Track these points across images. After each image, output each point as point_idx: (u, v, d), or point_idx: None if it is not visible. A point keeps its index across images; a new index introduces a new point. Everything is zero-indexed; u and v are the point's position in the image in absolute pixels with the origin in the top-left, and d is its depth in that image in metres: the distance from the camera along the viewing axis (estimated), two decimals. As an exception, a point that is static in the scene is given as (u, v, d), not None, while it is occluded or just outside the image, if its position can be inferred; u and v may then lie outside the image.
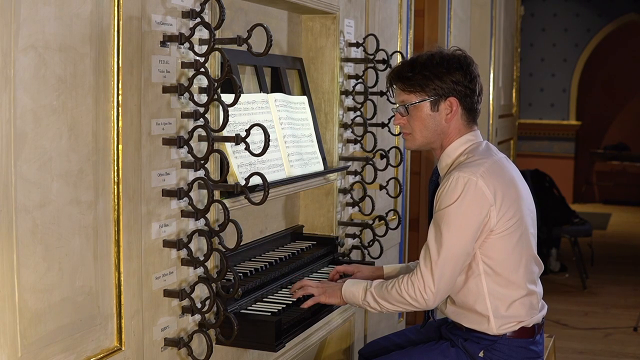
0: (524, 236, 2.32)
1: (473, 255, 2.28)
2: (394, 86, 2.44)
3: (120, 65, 1.73)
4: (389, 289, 2.32)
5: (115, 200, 1.74)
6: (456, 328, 2.41)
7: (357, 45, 3.06)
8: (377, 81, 3.09)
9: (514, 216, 2.27)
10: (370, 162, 3.04)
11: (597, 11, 10.55)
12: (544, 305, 2.43)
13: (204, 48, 1.96)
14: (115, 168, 1.74)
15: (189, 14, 1.95)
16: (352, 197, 3.07)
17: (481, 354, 2.34)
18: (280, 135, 2.55)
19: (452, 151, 2.38)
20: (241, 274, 2.38)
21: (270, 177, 2.34)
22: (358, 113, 3.05)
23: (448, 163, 2.38)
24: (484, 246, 2.27)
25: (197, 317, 2.04)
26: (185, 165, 1.97)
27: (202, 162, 1.98)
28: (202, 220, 2.02)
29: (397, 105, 2.43)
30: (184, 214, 1.98)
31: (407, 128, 2.41)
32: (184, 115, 1.96)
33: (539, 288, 2.40)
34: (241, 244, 1.94)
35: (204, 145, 2.01)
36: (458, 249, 2.23)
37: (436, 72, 2.33)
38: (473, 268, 2.30)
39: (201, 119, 1.99)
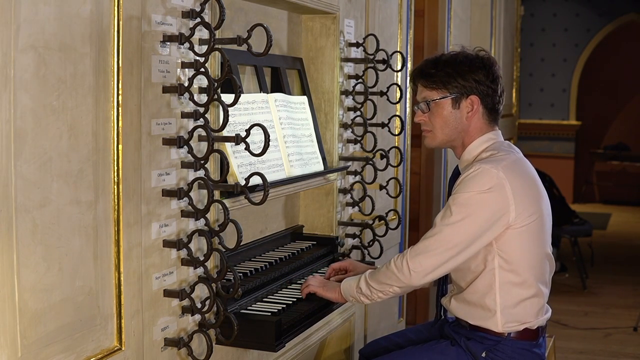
0: (541, 234, 2.33)
1: (489, 250, 2.28)
2: (417, 84, 2.45)
3: (120, 65, 1.73)
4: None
5: (115, 200, 1.74)
6: (460, 326, 2.41)
7: (357, 45, 3.06)
8: (377, 81, 3.09)
9: (534, 213, 2.28)
10: (370, 162, 3.04)
11: (597, 11, 10.54)
12: (549, 308, 2.43)
13: (204, 48, 1.96)
14: (115, 168, 1.74)
15: (189, 14, 1.95)
16: (352, 197, 3.07)
17: (484, 354, 2.33)
18: (280, 135, 2.55)
19: (474, 149, 2.39)
20: (241, 274, 2.38)
21: (270, 177, 2.34)
22: (358, 113, 3.05)
23: (469, 160, 2.39)
24: (501, 240, 2.27)
25: (197, 317, 2.04)
26: (185, 165, 1.97)
27: (202, 162, 1.98)
28: (202, 220, 2.02)
29: (419, 102, 2.43)
30: (184, 214, 1.98)
31: (427, 125, 2.43)
32: (184, 115, 1.96)
33: (547, 290, 2.40)
34: (241, 244, 1.94)
35: (204, 145, 2.01)
36: (462, 232, 2.23)
37: (459, 70, 2.36)
38: (488, 263, 2.30)
39: (201, 119, 1.99)
